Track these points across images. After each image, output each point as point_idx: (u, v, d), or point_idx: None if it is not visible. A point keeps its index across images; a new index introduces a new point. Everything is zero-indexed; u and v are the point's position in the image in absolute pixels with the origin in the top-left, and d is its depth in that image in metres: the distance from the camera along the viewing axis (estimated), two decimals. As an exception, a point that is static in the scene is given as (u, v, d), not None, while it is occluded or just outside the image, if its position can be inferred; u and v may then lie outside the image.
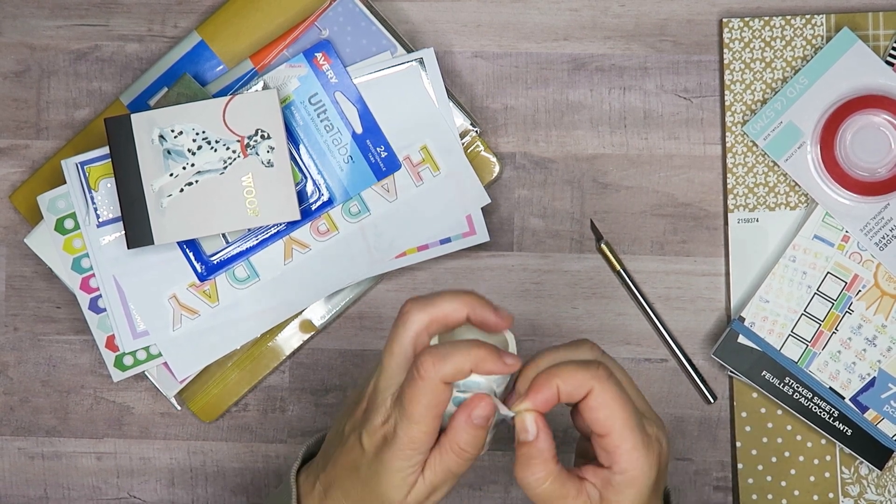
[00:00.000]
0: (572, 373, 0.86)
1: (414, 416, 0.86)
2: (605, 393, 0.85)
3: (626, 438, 0.85)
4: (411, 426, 0.86)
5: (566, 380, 0.86)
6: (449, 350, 0.86)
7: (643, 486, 0.86)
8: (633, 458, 0.85)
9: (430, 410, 0.86)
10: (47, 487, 1.12)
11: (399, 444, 0.87)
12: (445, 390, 0.86)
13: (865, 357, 1.08)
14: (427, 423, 0.86)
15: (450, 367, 0.85)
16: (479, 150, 1.10)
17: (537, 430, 0.87)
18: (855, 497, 1.09)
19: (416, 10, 1.12)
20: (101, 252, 1.08)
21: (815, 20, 1.09)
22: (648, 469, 0.86)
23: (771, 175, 1.09)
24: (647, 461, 0.86)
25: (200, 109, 1.07)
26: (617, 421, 0.85)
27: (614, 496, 0.86)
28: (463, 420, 0.87)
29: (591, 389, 0.85)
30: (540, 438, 0.87)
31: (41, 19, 1.12)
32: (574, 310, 1.10)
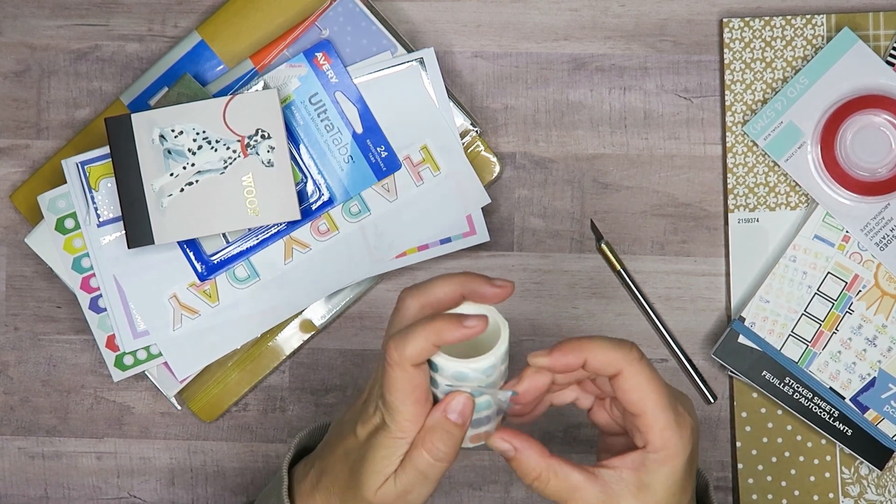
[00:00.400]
0: (605, 349, 0.86)
1: (393, 405, 0.86)
2: (639, 374, 0.86)
3: (659, 418, 0.86)
4: (394, 414, 0.86)
5: (597, 353, 0.86)
6: (408, 331, 0.85)
7: (677, 463, 0.86)
8: (666, 436, 0.86)
9: (408, 396, 0.86)
10: (47, 487, 1.12)
11: (385, 431, 0.87)
12: (417, 373, 0.85)
13: (866, 357, 1.08)
14: (408, 410, 0.86)
15: (411, 348, 0.85)
16: (480, 150, 1.10)
17: (510, 444, 0.87)
18: (855, 497, 1.09)
19: (416, 10, 1.12)
20: (102, 252, 1.08)
21: (816, 20, 1.09)
22: (682, 447, 0.86)
23: (771, 175, 1.09)
24: (680, 439, 0.86)
25: (201, 109, 1.07)
26: (650, 401, 0.86)
27: (649, 476, 0.86)
28: (438, 416, 0.86)
29: (621, 370, 0.86)
30: (519, 450, 0.87)
31: (41, 19, 1.12)
32: (574, 310, 1.10)
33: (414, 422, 0.87)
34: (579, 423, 1.10)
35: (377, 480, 0.88)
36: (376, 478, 0.88)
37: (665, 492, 0.87)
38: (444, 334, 0.85)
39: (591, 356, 0.86)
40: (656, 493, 0.87)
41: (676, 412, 0.87)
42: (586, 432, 1.10)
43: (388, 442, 0.87)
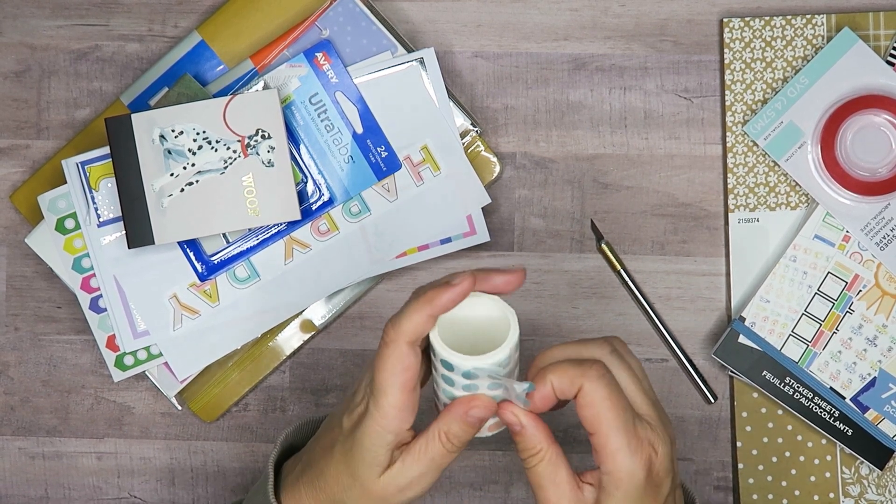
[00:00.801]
0: (564, 370, 0.86)
1: (381, 385, 0.86)
2: (594, 392, 0.85)
3: (612, 439, 0.85)
4: (379, 398, 0.86)
5: (559, 376, 0.86)
6: (403, 310, 0.86)
7: (630, 487, 0.86)
8: (616, 459, 0.85)
9: (397, 377, 0.86)
10: (48, 487, 1.12)
11: (369, 419, 0.87)
12: (410, 354, 0.86)
13: (866, 357, 1.08)
14: (394, 395, 0.86)
15: (406, 323, 0.85)
16: (480, 150, 1.10)
17: (519, 420, 0.87)
18: (855, 497, 1.09)
19: (416, 10, 1.12)
20: (102, 252, 1.08)
21: (816, 20, 1.09)
22: (634, 471, 0.85)
23: (771, 175, 1.09)
24: (631, 463, 0.85)
25: (201, 109, 1.07)
26: (603, 421, 0.85)
27: (606, 498, 0.86)
28: (459, 413, 0.87)
29: (580, 387, 0.85)
30: (527, 426, 0.87)
31: (41, 19, 1.12)
32: (574, 310, 1.10)
33: (398, 411, 0.86)
34: (579, 424, 1.10)
35: (374, 471, 0.88)
36: (371, 469, 0.88)
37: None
38: (435, 301, 0.85)
39: (555, 379, 0.86)
40: None
41: (633, 435, 0.86)
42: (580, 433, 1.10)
43: (372, 430, 0.87)
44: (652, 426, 0.87)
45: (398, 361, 0.86)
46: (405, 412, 0.87)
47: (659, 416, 0.88)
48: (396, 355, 0.86)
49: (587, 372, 0.85)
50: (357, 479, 0.88)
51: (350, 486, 0.89)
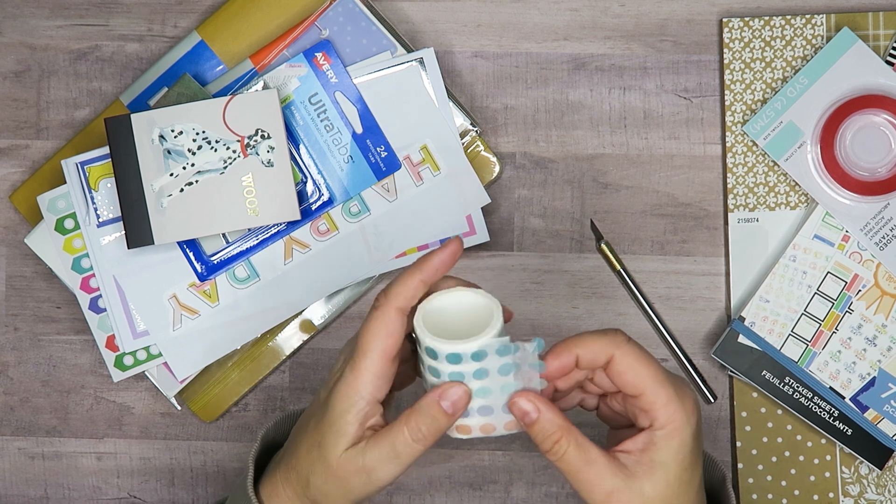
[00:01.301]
0: (592, 340, 0.87)
1: (363, 348, 0.86)
2: (629, 355, 0.86)
3: (660, 393, 0.86)
4: (357, 360, 0.86)
5: (586, 346, 0.86)
6: (396, 277, 0.87)
7: (685, 436, 0.87)
8: (670, 409, 0.86)
9: (380, 342, 0.86)
10: (47, 487, 1.12)
11: (343, 382, 0.86)
12: (396, 319, 0.86)
13: (865, 357, 1.08)
14: (374, 358, 0.86)
15: (397, 287, 0.86)
16: (479, 150, 1.10)
17: (535, 406, 0.86)
18: (855, 497, 1.09)
19: (416, 10, 1.12)
20: (102, 252, 1.08)
21: (815, 20, 1.09)
22: (687, 418, 0.86)
23: (771, 175, 1.09)
24: (684, 411, 0.86)
25: (200, 109, 1.07)
26: (646, 378, 0.86)
27: (659, 454, 0.86)
28: (430, 399, 0.85)
29: (612, 356, 0.86)
30: (543, 412, 0.86)
31: (41, 19, 1.12)
32: (574, 310, 1.10)
33: (373, 376, 0.86)
34: (579, 424, 1.10)
35: (340, 442, 0.87)
36: (338, 439, 0.87)
37: (677, 466, 0.87)
38: (425, 266, 0.86)
39: (582, 350, 0.87)
40: (668, 468, 0.87)
41: (675, 385, 0.87)
42: (587, 432, 1.10)
43: (343, 393, 0.86)
44: (686, 382, 0.89)
45: (384, 326, 0.86)
46: (380, 380, 0.87)
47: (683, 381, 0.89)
48: (383, 319, 0.86)
49: (615, 339, 0.86)
50: (322, 450, 0.87)
51: (316, 460, 0.88)
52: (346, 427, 0.87)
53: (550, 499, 1.10)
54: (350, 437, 0.87)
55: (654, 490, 0.87)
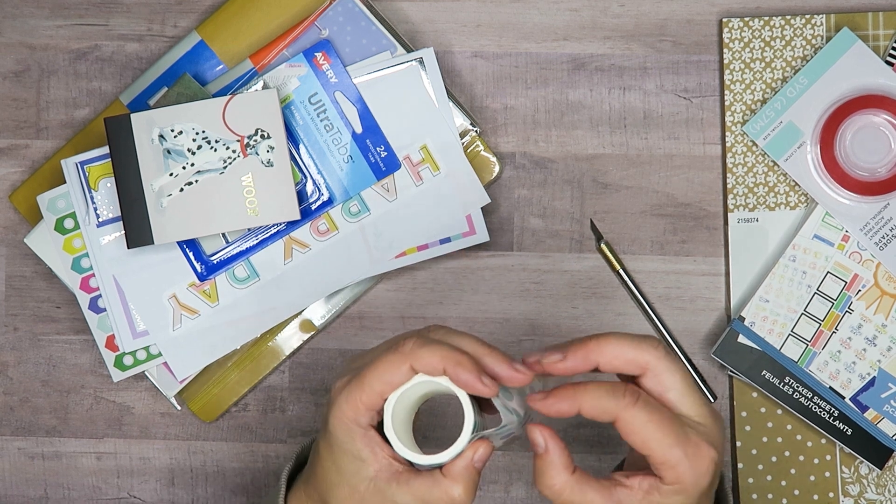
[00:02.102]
0: (598, 399, 0.84)
1: (365, 380, 0.85)
2: (634, 419, 0.84)
3: (668, 457, 0.84)
4: (353, 392, 0.85)
5: (591, 403, 0.84)
6: (433, 341, 0.85)
7: (694, 492, 0.85)
8: (679, 471, 0.84)
9: (382, 385, 0.85)
10: (47, 487, 1.12)
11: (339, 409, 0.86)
12: (406, 375, 0.85)
13: (865, 357, 1.08)
14: (372, 393, 0.85)
15: (429, 357, 0.84)
16: (479, 150, 1.10)
17: (545, 442, 0.85)
18: (855, 497, 1.09)
19: (416, 10, 1.12)
20: (101, 252, 1.08)
21: (815, 20, 1.09)
22: (698, 478, 0.84)
23: (771, 175, 1.09)
24: (694, 471, 0.84)
25: (200, 109, 1.07)
26: (653, 442, 0.84)
27: (661, 499, 0.85)
28: (466, 464, 0.85)
29: (616, 417, 0.84)
30: (549, 450, 0.85)
31: (41, 19, 1.12)
32: (574, 310, 1.10)
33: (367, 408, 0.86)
34: (579, 423, 1.10)
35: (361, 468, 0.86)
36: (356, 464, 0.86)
37: None
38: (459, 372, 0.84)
39: (586, 405, 0.85)
40: None
41: (688, 445, 0.84)
42: (586, 432, 1.10)
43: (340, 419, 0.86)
44: (706, 427, 0.86)
45: (393, 373, 0.85)
46: (371, 411, 0.86)
47: (710, 413, 0.86)
48: (395, 368, 0.85)
49: (620, 402, 0.84)
50: (342, 472, 0.87)
51: (335, 483, 0.88)
52: (357, 451, 0.87)
53: (550, 499, 1.10)
54: (367, 461, 0.87)
55: None
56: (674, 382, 0.85)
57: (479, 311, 1.11)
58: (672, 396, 0.85)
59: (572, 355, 0.85)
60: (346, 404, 0.86)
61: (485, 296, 1.11)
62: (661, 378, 0.85)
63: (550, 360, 0.86)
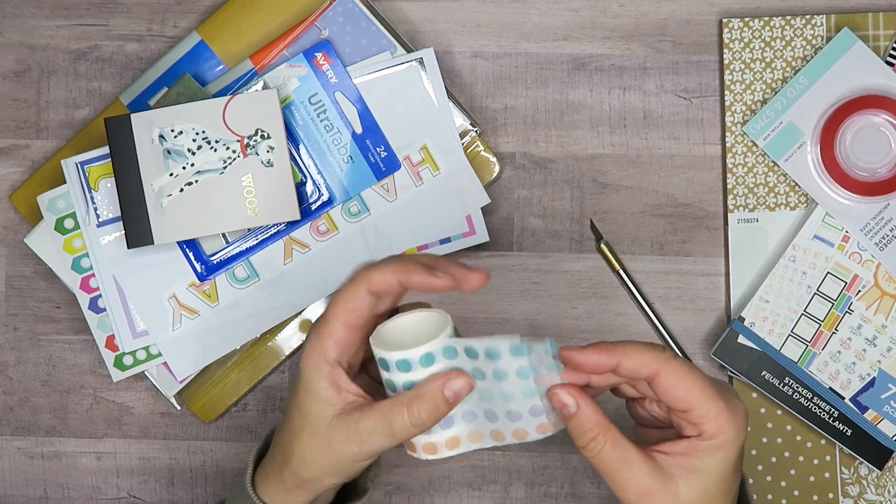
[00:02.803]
0: (637, 351, 0.85)
1: (326, 315, 0.86)
2: (676, 371, 0.85)
3: (710, 407, 0.85)
4: (320, 325, 0.86)
5: (629, 356, 0.85)
6: (380, 261, 0.86)
7: (733, 448, 0.86)
8: (720, 422, 0.85)
9: (344, 314, 0.86)
10: (47, 487, 1.12)
11: (309, 345, 0.87)
12: (366, 298, 0.86)
13: (865, 357, 1.08)
14: (336, 325, 0.86)
15: (377, 274, 0.85)
16: (479, 150, 1.10)
17: (575, 400, 0.85)
18: (855, 497, 1.09)
19: (416, 10, 1.12)
20: (101, 252, 1.08)
21: (815, 20, 1.09)
22: (737, 432, 0.85)
23: (771, 175, 1.09)
24: (734, 424, 0.85)
25: (200, 109, 1.07)
26: (696, 394, 0.84)
27: (701, 461, 0.85)
28: (435, 386, 0.84)
29: (657, 371, 0.85)
30: (582, 406, 0.85)
31: (41, 19, 1.12)
32: (574, 310, 1.10)
33: (335, 342, 0.86)
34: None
35: (323, 408, 0.86)
36: (319, 404, 0.87)
37: (717, 476, 0.86)
38: (411, 276, 0.85)
39: (625, 358, 0.85)
40: (709, 476, 0.86)
41: (727, 398, 0.85)
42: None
43: (308, 356, 0.87)
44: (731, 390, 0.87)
45: (351, 299, 0.86)
46: (342, 346, 0.87)
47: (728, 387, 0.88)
48: (352, 293, 0.86)
49: (662, 355, 0.85)
50: (304, 416, 0.87)
51: (299, 429, 0.88)
52: (321, 391, 0.87)
53: (549, 499, 1.10)
54: (330, 401, 0.87)
55: (690, 494, 0.85)
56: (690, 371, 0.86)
57: (479, 311, 1.11)
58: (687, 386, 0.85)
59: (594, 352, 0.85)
60: (314, 340, 0.87)
61: (485, 296, 1.11)
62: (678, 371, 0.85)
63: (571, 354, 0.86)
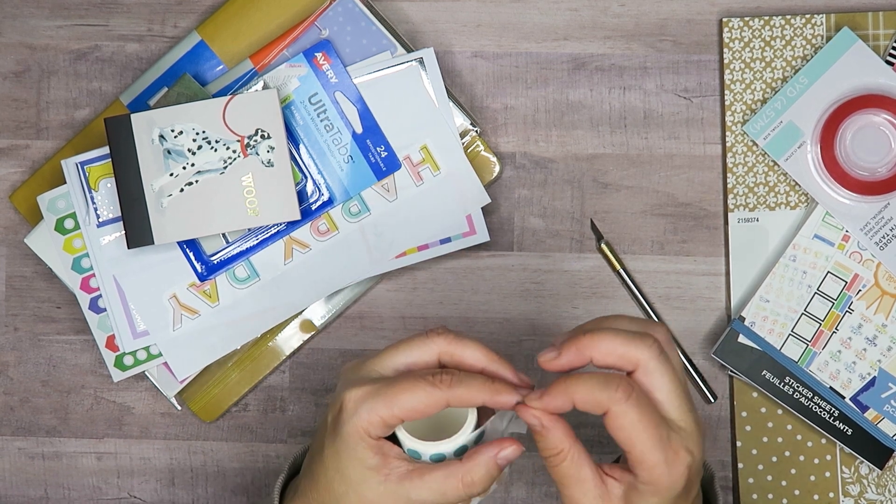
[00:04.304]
0: (590, 390, 0.85)
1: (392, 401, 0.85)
2: (624, 415, 0.84)
3: (648, 456, 0.85)
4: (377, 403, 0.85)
5: (583, 395, 0.85)
6: (468, 376, 0.87)
7: (668, 496, 0.86)
8: (655, 473, 0.85)
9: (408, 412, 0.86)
10: (47, 487, 1.12)
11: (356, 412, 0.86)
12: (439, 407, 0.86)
13: (865, 356, 1.08)
14: (394, 414, 0.86)
15: (464, 392, 0.86)
16: (479, 150, 1.10)
17: (539, 421, 0.86)
18: (855, 497, 1.09)
19: (416, 10, 1.12)
20: (101, 252, 1.08)
21: (815, 20, 1.09)
22: (673, 482, 0.85)
23: (771, 175, 1.09)
24: (670, 475, 0.85)
25: (200, 109, 1.07)
26: (637, 442, 0.85)
27: (638, 497, 0.86)
28: (490, 456, 0.87)
29: (608, 410, 0.85)
30: (546, 427, 0.86)
31: (41, 19, 1.12)
32: (574, 309, 1.10)
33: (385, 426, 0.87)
34: (578, 423, 1.10)
35: (367, 475, 0.87)
36: (363, 471, 0.87)
37: None
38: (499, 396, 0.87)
39: (578, 398, 0.85)
40: None
41: (668, 450, 0.85)
42: (586, 432, 1.10)
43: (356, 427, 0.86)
44: (686, 432, 0.86)
45: (422, 402, 0.86)
46: (389, 428, 0.87)
47: (694, 419, 0.87)
48: (427, 400, 0.86)
49: (613, 395, 0.84)
50: (348, 481, 0.87)
51: (344, 494, 0.88)
52: (367, 459, 0.87)
53: (550, 499, 1.10)
54: (376, 468, 0.87)
55: None
56: (663, 384, 0.86)
57: (479, 311, 1.11)
58: (659, 397, 0.86)
59: (566, 351, 0.86)
60: (367, 416, 0.86)
61: (485, 296, 1.11)
62: (651, 378, 0.86)
63: (546, 359, 0.87)
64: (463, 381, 0.86)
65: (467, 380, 0.86)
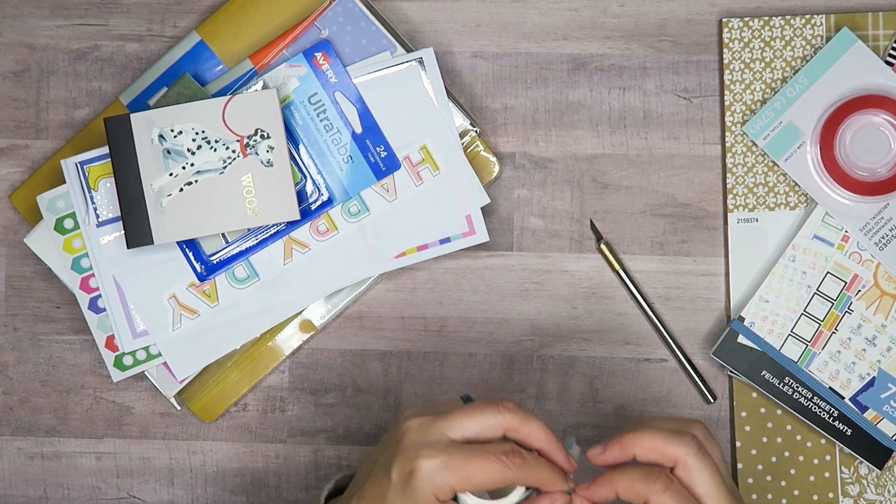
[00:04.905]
0: (631, 482, 0.91)
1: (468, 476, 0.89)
2: (699, 471, 0.90)
3: None
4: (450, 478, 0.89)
5: (625, 486, 0.91)
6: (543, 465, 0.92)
7: None
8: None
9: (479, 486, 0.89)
10: (47, 487, 1.12)
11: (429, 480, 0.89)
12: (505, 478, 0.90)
13: (865, 357, 1.08)
14: (466, 486, 0.89)
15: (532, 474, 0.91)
16: (479, 150, 1.10)
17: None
18: (855, 497, 1.09)
19: (415, 10, 1.12)
20: (101, 252, 1.08)
21: (815, 20, 1.09)
22: None
23: (770, 175, 1.09)
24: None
25: (200, 109, 1.07)
26: (711, 499, 0.90)
27: None
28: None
29: (647, 501, 0.90)
30: None
31: (41, 19, 1.12)
32: (574, 310, 1.10)
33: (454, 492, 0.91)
34: (578, 424, 1.10)
35: None
36: None
37: None
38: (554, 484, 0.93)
39: (620, 489, 0.91)
40: None
41: None
42: (585, 433, 1.10)
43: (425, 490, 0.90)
44: None
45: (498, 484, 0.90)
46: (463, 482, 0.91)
47: (735, 497, 0.92)
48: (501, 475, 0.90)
49: (652, 487, 0.90)
50: None
51: None
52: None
53: (550, 499, 1.10)
54: None
55: None
56: (702, 479, 0.91)
57: (479, 311, 1.11)
58: (700, 491, 0.91)
59: (611, 448, 0.92)
60: (440, 484, 0.89)
61: (485, 296, 1.11)
62: (690, 473, 0.91)
63: (593, 454, 0.93)
64: (531, 465, 0.91)
65: (534, 463, 0.91)
